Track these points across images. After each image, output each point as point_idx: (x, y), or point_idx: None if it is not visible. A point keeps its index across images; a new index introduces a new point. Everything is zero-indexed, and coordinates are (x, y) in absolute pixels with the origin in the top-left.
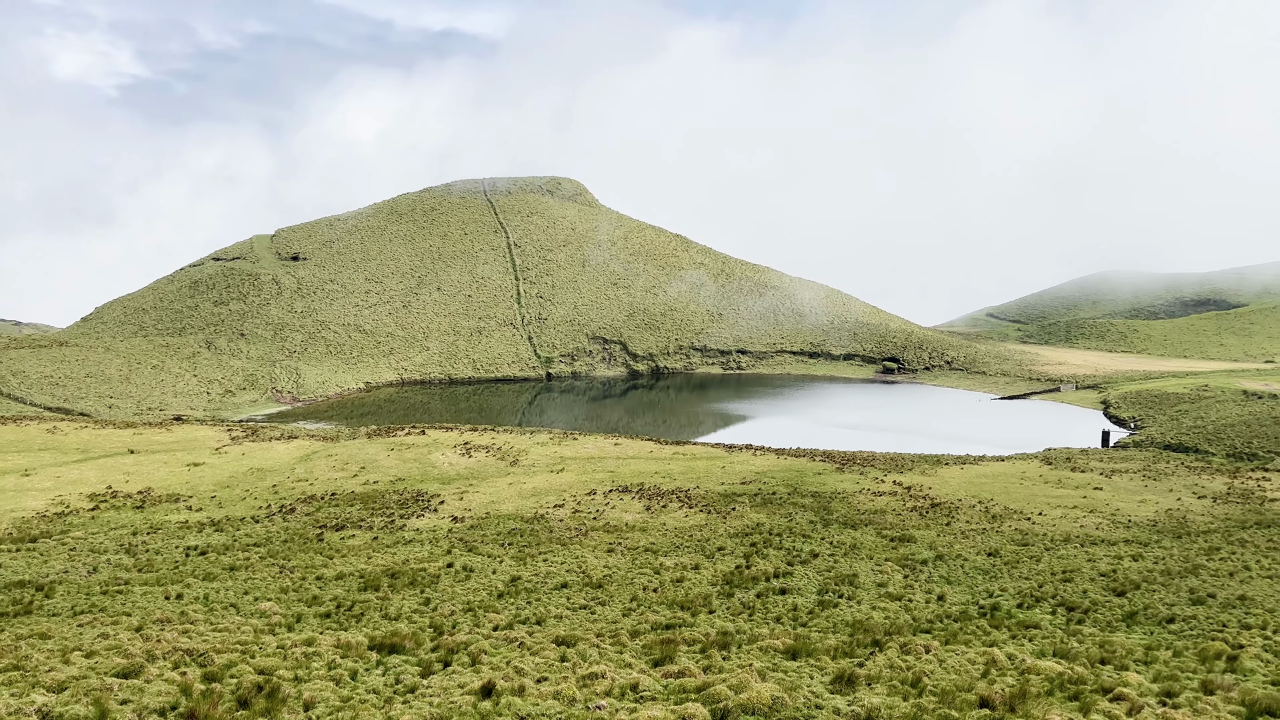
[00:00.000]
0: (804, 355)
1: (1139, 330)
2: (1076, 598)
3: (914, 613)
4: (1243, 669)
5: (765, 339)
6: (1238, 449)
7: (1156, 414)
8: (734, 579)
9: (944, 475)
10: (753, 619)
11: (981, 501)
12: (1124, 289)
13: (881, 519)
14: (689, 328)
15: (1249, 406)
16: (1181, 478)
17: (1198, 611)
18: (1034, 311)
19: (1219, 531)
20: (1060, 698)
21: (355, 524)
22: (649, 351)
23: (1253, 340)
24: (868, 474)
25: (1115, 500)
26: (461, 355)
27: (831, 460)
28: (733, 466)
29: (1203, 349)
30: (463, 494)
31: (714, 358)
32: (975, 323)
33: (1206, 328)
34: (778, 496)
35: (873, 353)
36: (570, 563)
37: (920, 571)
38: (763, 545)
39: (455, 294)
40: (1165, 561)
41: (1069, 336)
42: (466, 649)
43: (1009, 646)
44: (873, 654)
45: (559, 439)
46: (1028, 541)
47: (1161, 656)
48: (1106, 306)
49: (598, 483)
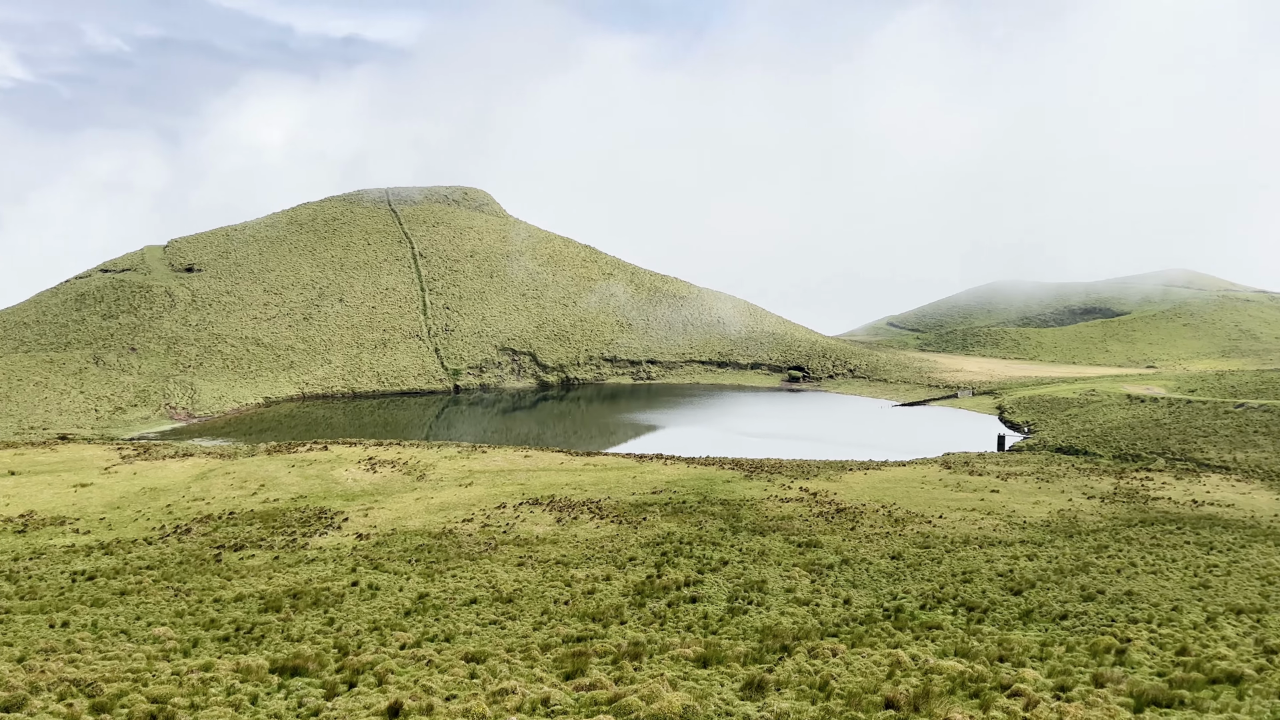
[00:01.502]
0: (713, 365)
1: (1031, 338)
2: (976, 598)
3: (821, 617)
4: (1131, 661)
5: (675, 349)
6: (1123, 450)
7: (1048, 418)
8: (645, 589)
9: (848, 481)
10: (664, 628)
11: (885, 506)
12: (1016, 298)
13: (789, 525)
14: (599, 338)
15: (1133, 410)
16: (1072, 479)
17: (1089, 608)
18: (932, 320)
19: (1107, 530)
20: (962, 696)
21: (255, 543)
22: (559, 362)
23: (1135, 346)
24: (775, 481)
25: (1011, 502)
26: (365, 368)
27: (740, 468)
28: (644, 476)
29: (1090, 355)
30: (368, 510)
31: (624, 368)
32: (877, 331)
33: (1093, 335)
34: (688, 505)
35: (779, 362)
36: (480, 578)
37: (827, 576)
38: (674, 554)
39: (358, 306)
40: (1058, 560)
41: (965, 344)
42: (373, 669)
43: (913, 647)
44: (782, 659)
45: (467, 452)
46: (929, 544)
47: (1056, 652)
48: (1000, 315)
49: (508, 496)
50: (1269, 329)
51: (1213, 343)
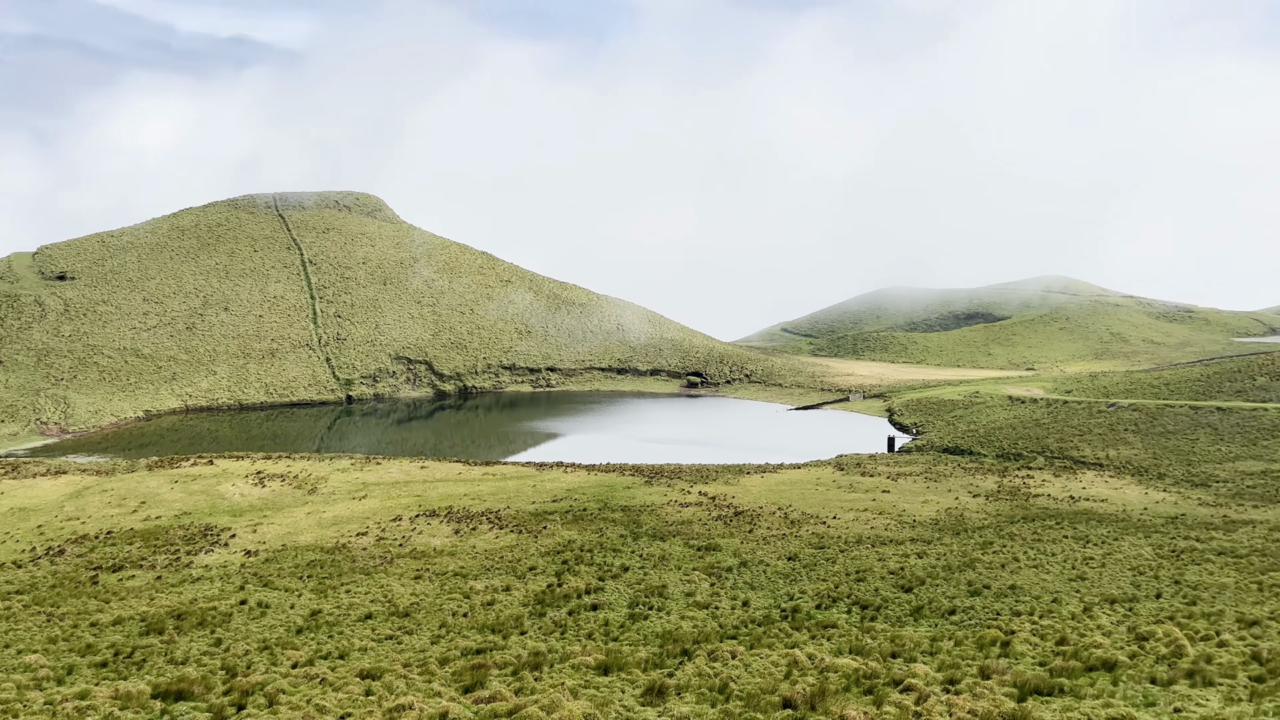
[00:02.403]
0: (612, 371)
1: (918, 342)
2: (869, 596)
3: (721, 619)
4: (1015, 653)
5: (575, 356)
6: (1005, 449)
7: (935, 419)
8: (546, 598)
9: (746, 484)
10: (565, 637)
11: (781, 508)
12: (904, 304)
13: (689, 529)
14: (498, 346)
15: (1014, 411)
16: (958, 478)
17: (975, 602)
18: (824, 326)
19: (992, 527)
20: (856, 693)
21: (135, 564)
22: (456, 371)
23: (1015, 350)
24: (675, 486)
25: (901, 502)
26: (253, 379)
27: (640, 474)
28: (544, 485)
29: (973, 359)
30: (256, 526)
31: (523, 376)
32: (772, 337)
33: (976, 339)
34: (589, 513)
35: (678, 368)
36: (375, 592)
37: (726, 579)
38: (574, 562)
39: (245, 314)
40: (946, 557)
41: (856, 349)
42: (263, 689)
43: (809, 647)
44: (682, 663)
45: (361, 464)
46: (824, 544)
47: (945, 647)
48: (889, 320)
49: (403, 508)
50: (1137, 332)
51: (1087, 345)
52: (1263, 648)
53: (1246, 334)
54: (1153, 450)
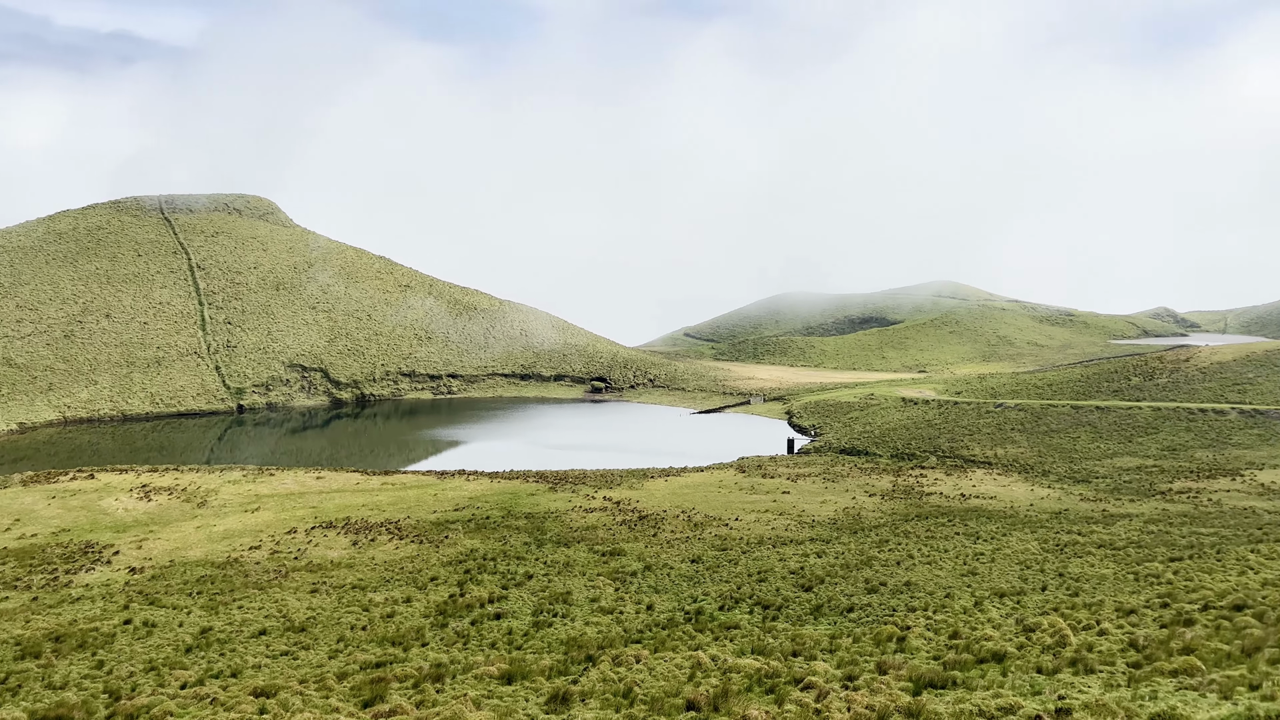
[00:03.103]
0: (515, 377)
1: (815, 346)
2: (771, 596)
3: (625, 624)
4: (910, 648)
5: (477, 362)
6: (900, 449)
7: (833, 421)
8: (448, 608)
9: (650, 488)
10: (468, 647)
11: (685, 511)
12: (802, 308)
13: (593, 535)
14: (396, 352)
15: (907, 412)
16: (855, 478)
17: (873, 599)
18: (725, 331)
19: (888, 525)
20: (758, 692)
21: (9, 584)
22: (353, 378)
23: (908, 353)
24: (579, 492)
25: (801, 502)
26: (137, 389)
27: (544, 480)
28: (445, 493)
29: (868, 362)
30: (141, 542)
31: (424, 382)
32: (675, 342)
33: (871, 343)
34: (492, 521)
35: (582, 373)
36: (269, 607)
37: (631, 583)
38: (477, 571)
39: (128, 322)
40: (845, 556)
41: (757, 353)
42: (149, 712)
43: (713, 648)
44: (586, 669)
45: (254, 476)
46: (727, 546)
47: (844, 644)
48: (787, 325)
49: (299, 520)
50: (1021, 334)
51: (975, 348)
52: (1139, 635)
53: (1122, 336)
54: (1037, 448)
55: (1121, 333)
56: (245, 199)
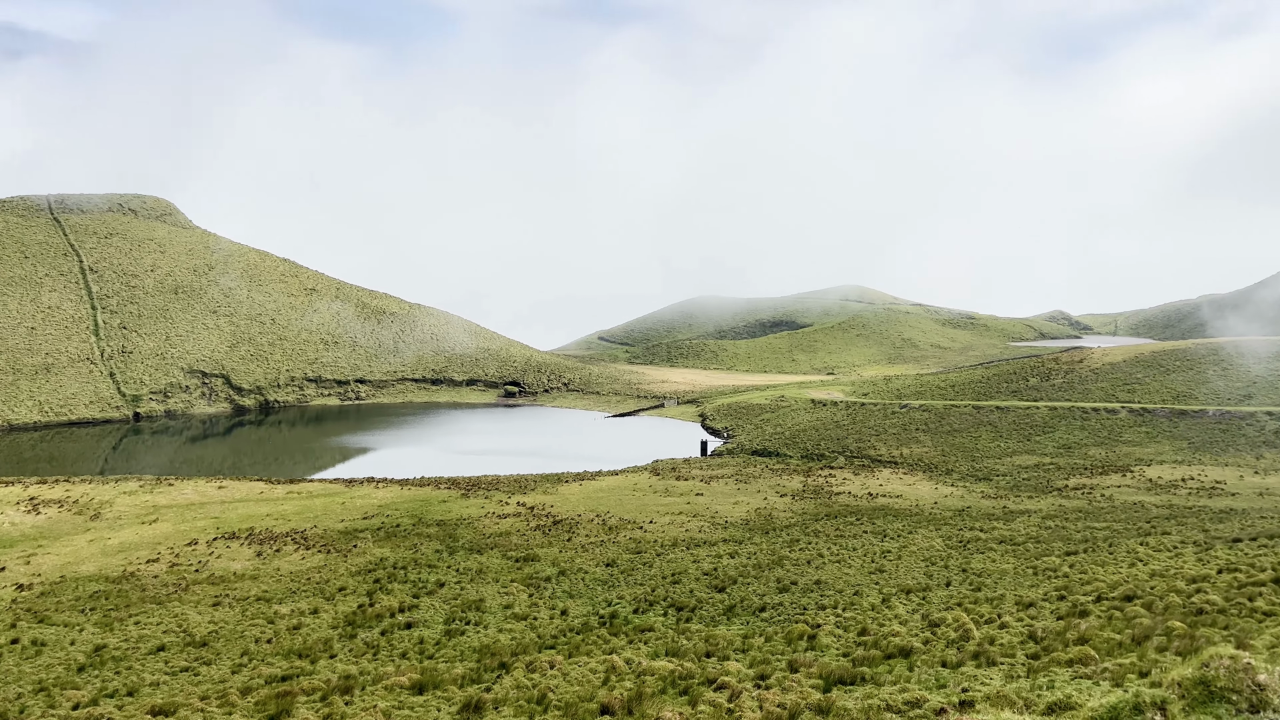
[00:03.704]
0: (426, 382)
1: (728, 349)
2: (685, 597)
3: (539, 630)
4: (821, 645)
5: (386, 367)
6: (810, 450)
7: (745, 423)
8: (357, 619)
9: (564, 493)
10: (378, 658)
11: (599, 515)
12: (715, 312)
13: (507, 541)
14: (302, 357)
15: (816, 413)
16: (767, 479)
17: (784, 598)
18: (639, 334)
19: (798, 525)
20: (672, 694)
21: None
22: (257, 384)
23: (817, 355)
24: (492, 497)
25: (714, 504)
26: (24, 397)
27: (457, 487)
28: (354, 501)
29: (779, 365)
30: (30, 557)
31: (330, 388)
32: (589, 346)
33: (781, 346)
34: (402, 529)
35: (495, 378)
36: (168, 622)
37: (545, 589)
38: (387, 580)
39: (15, 326)
40: (757, 556)
41: (670, 356)
42: None
43: (627, 651)
44: (500, 677)
45: (151, 486)
46: (641, 549)
47: (756, 643)
48: (700, 329)
49: (199, 531)
50: (925, 337)
51: (881, 350)
52: (1038, 627)
53: (1021, 338)
54: (941, 448)
55: (1020, 335)
56: (142, 199)
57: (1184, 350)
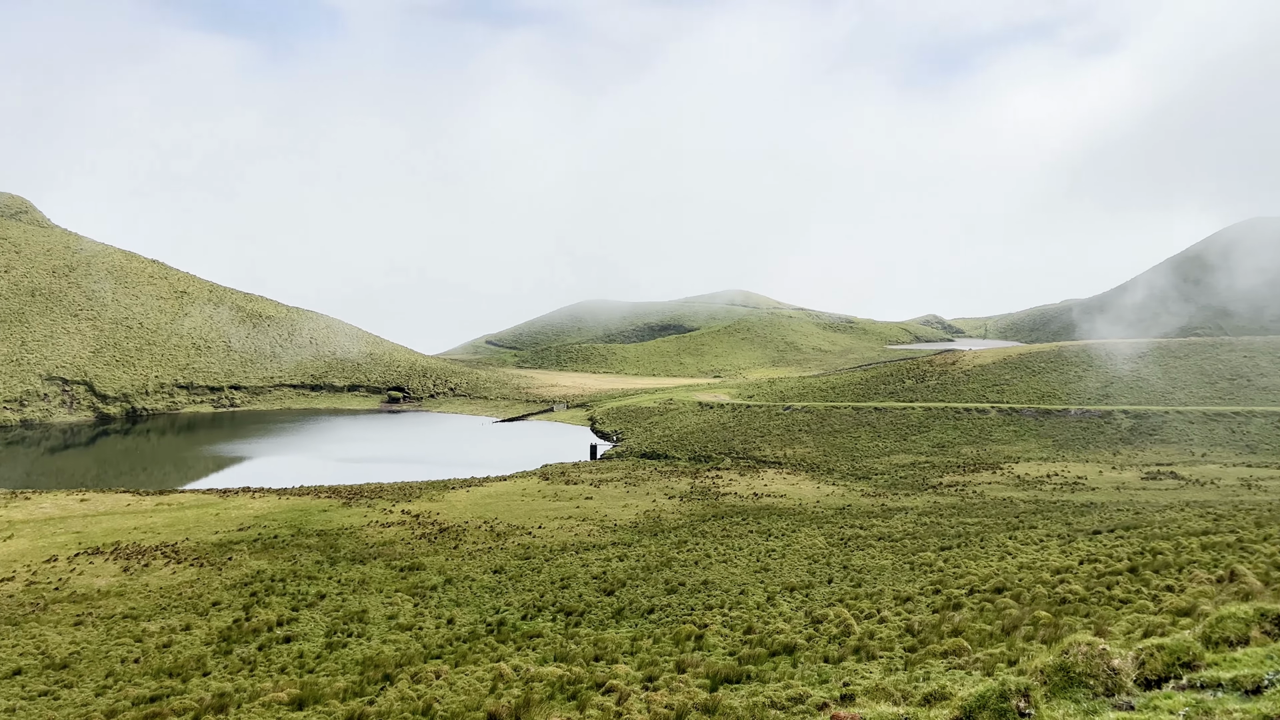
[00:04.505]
0: (305, 388)
1: (617, 353)
2: (574, 602)
3: (425, 640)
4: (708, 645)
5: (263, 373)
6: (697, 452)
7: (634, 426)
8: (232, 634)
9: (451, 499)
10: (255, 674)
11: (487, 521)
12: (604, 316)
13: (391, 550)
14: (172, 363)
15: (703, 416)
16: (655, 481)
17: (672, 600)
18: (528, 338)
19: (686, 526)
20: (561, 699)
21: None
22: (123, 391)
23: (704, 359)
24: (376, 506)
25: (603, 507)
26: None
27: (338, 495)
28: (228, 513)
29: (667, 368)
30: None
31: (203, 395)
32: (477, 350)
33: (669, 349)
34: (280, 539)
35: (378, 383)
36: (25, 644)
37: (430, 598)
38: (265, 593)
39: None
40: (645, 558)
41: (560, 360)
42: None
43: (515, 658)
44: (384, 689)
45: (5, 500)
46: (530, 555)
47: (645, 645)
48: (589, 332)
49: (59, 547)
50: (807, 340)
51: (766, 353)
52: (915, 621)
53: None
54: (823, 448)
55: (896, 338)
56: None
57: (1049, 353)
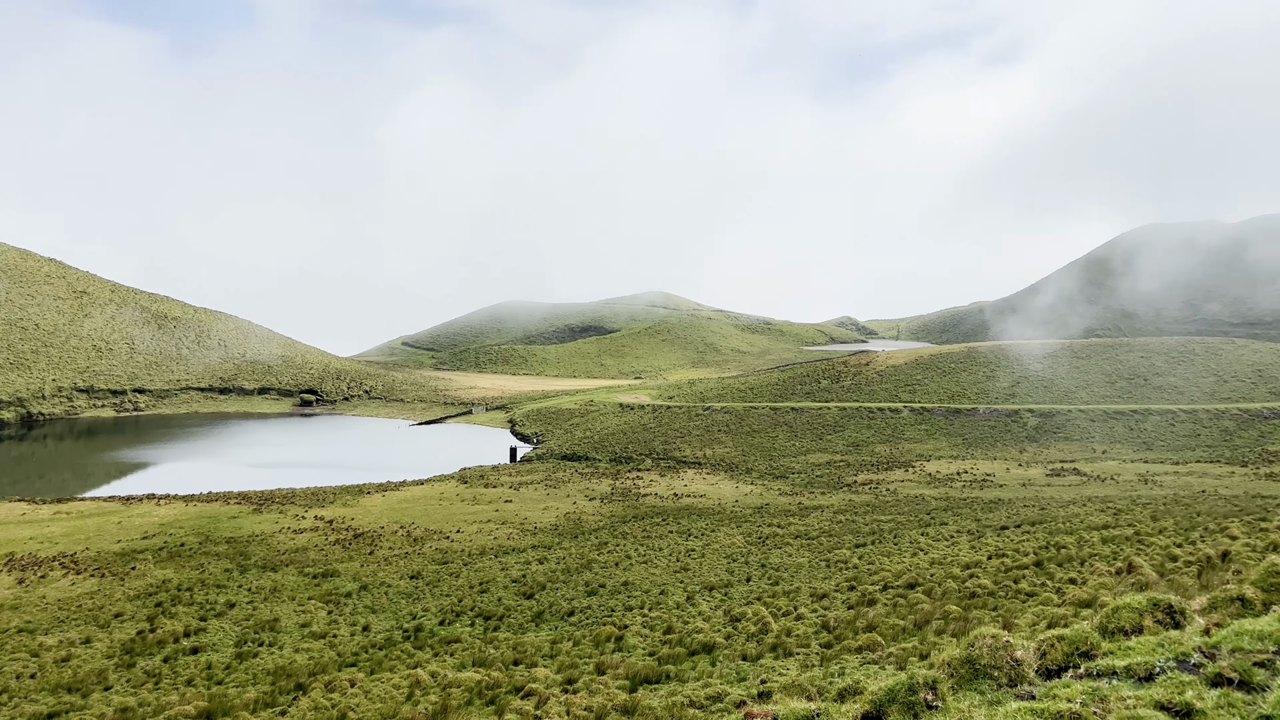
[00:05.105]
0: (214, 392)
1: (537, 354)
2: (493, 606)
3: (339, 648)
4: (628, 646)
5: (169, 376)
6: (618, 454)
7: (554, 428)
8: (136, 646)
9: (366, 504)
10: (160, 687)
11: (404, 526)
12: (523, 317)
13: (304, 557)
14: (71, 366)
15: (624, 417)
16: (576, 483)
17: (593, 602)
18: (446, 340)
19: (607, 528)
20: (479, 704)
21: None
22: (17, 395)
23: (625, 360)
24: (288, 512)
25: (523, 510)
26: None
27: (248, 501)
28: (132, 520)
29: (588, 370)
30: None
31: (105, 399)
32: (393, 351)
33: (590, 351)
34: (187, 548)
35: (290, 386)
36: None
37: (345, 605)
38: (170, 604)
39: None
40: (566, 561)
41: (479, 362)
42: None
43: (432, 665)
44: (296, 699)
45: None
46: (448, 559)
47: (565, 648)
48: (509, 334)
49: None
50: (726, 342)
51: (686, 355)
52: (830, 617)
53: (813, 343)
54: (742, 448)
55: (812, 339)
56: None
57: (959, 353)
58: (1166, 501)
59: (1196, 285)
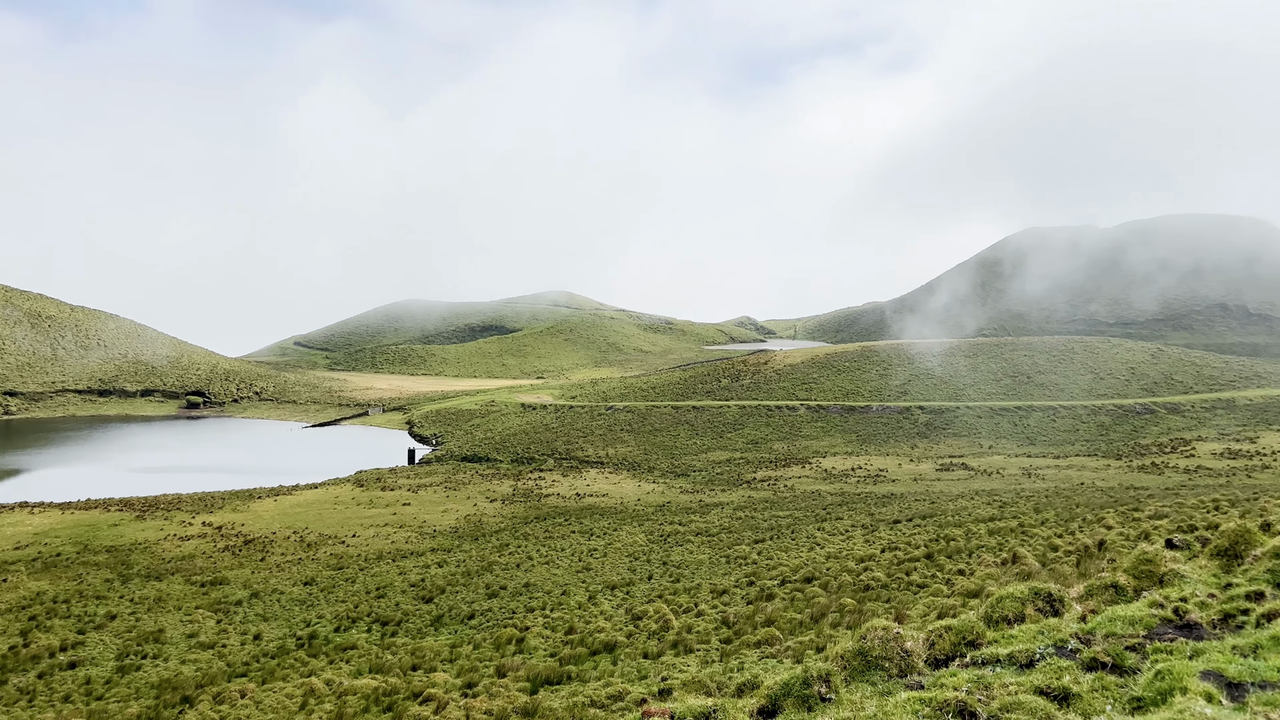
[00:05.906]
0: (93, 394)
1: (436, 354)
2: (390, 611)
3: (229, 658)
4: (529, 648)
5: (43, 377)
6: (520, 454)
7: (454, 429)
8: (8, 663)
9: (257, 509)
10: (34, 704)
11: (297, 531)
12: (421, 317)
13: (191, 565)
14: None
15: (526, 417)
16: (477, 485)
17: (493, 604)
18: (340, 339)
19: (508, 529)
20: (376, 711)
21: None
22: None
23: (527, 360)
24: (174, 518)
25: (422, 513)
26: None
27: (131, 508)
28: (2, 530)
29: (489, 369)
30: None
31: None
32: (285, 351)
33: (491, 350)
34: (64, 557)
35: (175, 387)
36: None
37: (235, 613)
38: (45, 617)
39: None
40: (466, 564)
41: (375, 362)
42: None
43: (328, 672)
44: (182, 712)
45: None
46: (343, 565)
47: (465, 652)
48: (407, 333)
49: None
50: (629, 342)
51: (589, 354)
52: (730, 613)
53: (714, 342)
54: (644, 447)
55: (713, 339)
56: None
57: (854, 353)
58: (1048, 494)
59: (1079, 287)
